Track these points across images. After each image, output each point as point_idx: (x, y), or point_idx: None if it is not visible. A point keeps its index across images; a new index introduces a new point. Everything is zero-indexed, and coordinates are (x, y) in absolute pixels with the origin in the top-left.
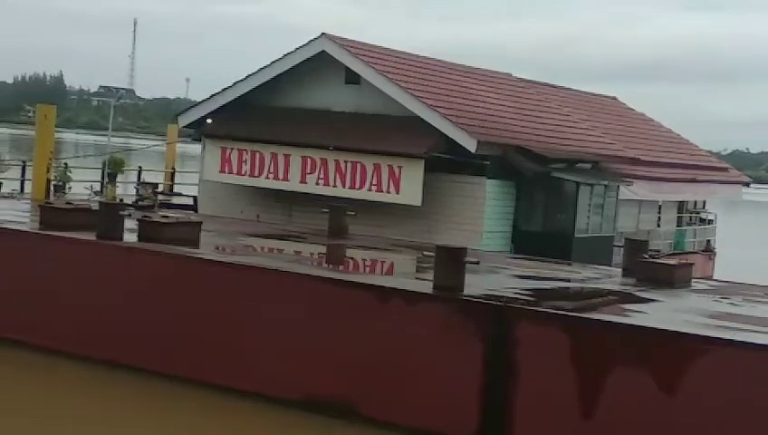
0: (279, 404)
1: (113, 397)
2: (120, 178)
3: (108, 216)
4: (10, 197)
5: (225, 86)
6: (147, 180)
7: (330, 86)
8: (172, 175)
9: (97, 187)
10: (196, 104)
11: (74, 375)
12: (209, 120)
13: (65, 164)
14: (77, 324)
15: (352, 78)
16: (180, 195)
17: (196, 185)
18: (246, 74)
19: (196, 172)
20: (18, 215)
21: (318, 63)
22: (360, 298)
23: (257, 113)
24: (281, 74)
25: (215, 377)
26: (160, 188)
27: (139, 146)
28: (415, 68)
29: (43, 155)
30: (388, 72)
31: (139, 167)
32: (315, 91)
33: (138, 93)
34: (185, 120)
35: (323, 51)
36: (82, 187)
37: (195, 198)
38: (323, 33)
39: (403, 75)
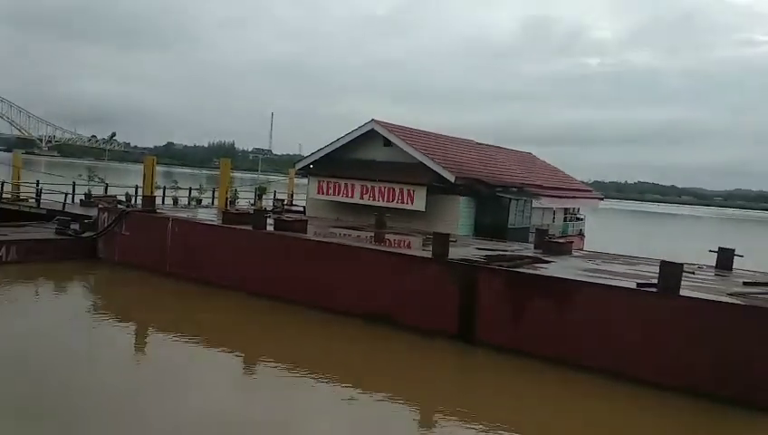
0: (352, 316)
1: (269, 312)
2: (264, 197)
3: (258, 217)
4: (208, 207)
5: (319, 148)
6: (278, 198)
7: (375, 147)
8: (291, 195)
9: (251, 202)
10: (304, 158)
11: (250, 303)
12: (311, 166)
13: (235, 190)
14: (244, 275)
15: (387, 142)
16: (296, 206)
17: (303, 200)
18: (330, 141)
19: (303, 194)
20: (212, 216)
21: (369, 135)
22: (397, 260)
23: (336, 162)
24: (349, 142)
25: (319, 302)
26: (285, 202)
27: (274, 180)
28: (421, 136)
29: (224, 185)
30: (406, 139)
31: (275, 191)
32: (367, 150)
33: (274, 151)
34: (299, 166)
35: (372, 129)
36: (244, 202)
37: (304, 207)
38: (372, 119)
39: (414, 141)
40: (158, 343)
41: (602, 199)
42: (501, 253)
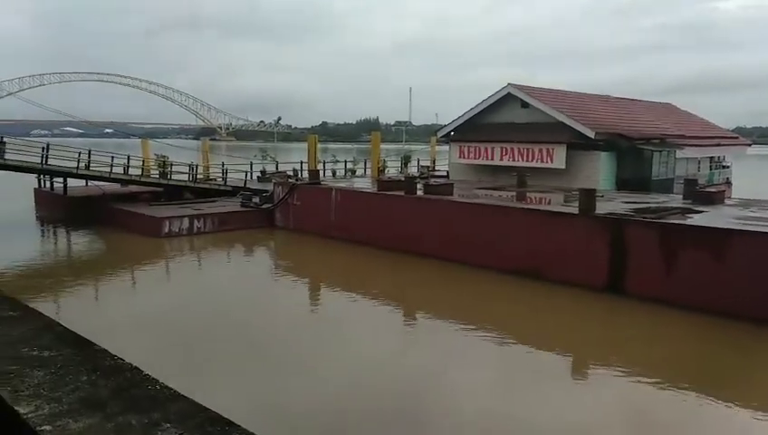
0: (503, 272)
1: (422, 268)
2: (409, 164)
3: (409, 183)
4: (362, 176)
5: (458, 115)
6: (423, 165)
7: (512, 110)
8: (433, 161)
9: (399, 170)
10: (445, 126)
11: (403, 261)
12: (452, 132)
13: (384, 160)
14: (399, 236)
15: (525, 104)
16: (438, 171)
17: (444, 166)
18: (468, 108)
19: (443, 160)
20: (367, 184)
21: (506, 99)
22: (544, 217)
23: (475, 127)
24: (487, 107)
25: (468, 259)
26: (429, 168)
27: (415, 148)
28: (557, 96)
29: (375, 156)
30: (543, 99)
31: (418, 159)
32: (505, 113)
33: (413, 122)
34: (440, 133)
35: (509, 92)
36: (392, 170)
37: (447, 172)
38: (509, 83)
39: (551, 100)
40: (327, 294)
41: (750, 145)
42: (648, 205)
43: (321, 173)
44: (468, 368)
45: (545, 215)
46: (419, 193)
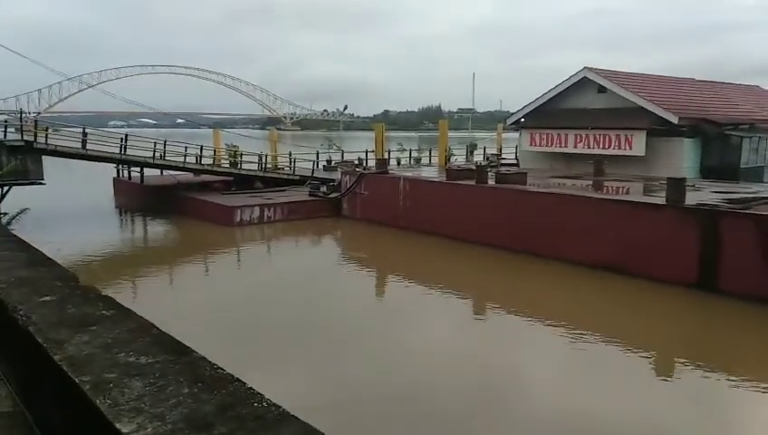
0: (582, 265)
1: (496, 260)
2: (474, 153)
3: (481, 172)
4: (427, 165)
5: (529, 101)
6: (493, 153)
7: (588, 95)
8: (500, 149)
9: (466, 158)
10: (514, 113)
11: (476, 252)
12: (523, 119)
13: (449, 148)
14: (469, 227)
15: (602, 89)
16: (506, 159)
17: (512, 154)
18: (539, 94)
19: (510, 147)
20: (435, 174)
21: (581, 83)
22: (626, 208)
23: (548, 113)
24: (560, 92)
25: (544, 251)
26: (497, 156)
27: (480, 136)
28: (637, 79)
29: (442, 144)
30: (622, 83)
31: (484, 147)
32: (580, 98)
33: (477, 109)
34: (510, 120)
35: (585, 76)
36: (457, 159)
37: (516, 160)
38: (585, 67)
39: (630, 84)
40: (395, 283)
41: None
42: (741, 195)
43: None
44: (544, 365)
45: (630, 205)
46: (491, 182)
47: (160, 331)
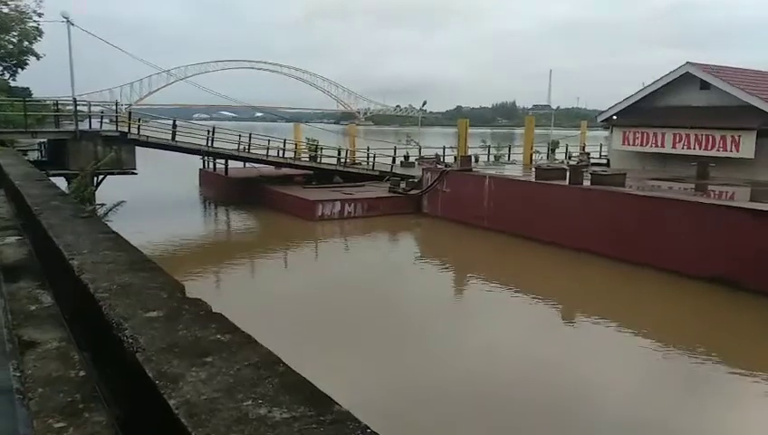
0: (686, 277)
1: (587, 266)
2: (556, 151)
3: (574, 171)
4: (512, 163)
5: (619, 100)
6: (577, 152)
7: (689, 92)
8: (583, 148)
9: (549, 157)
10: (606, 110)
11: (567, 257)
12: (615, 117)
13: (531, 147)
14: (556, 228)
15: (705, 86)
16: (593, 159)
17: (596, 152)
18: (636, 90)
19: (593, 146)
20: (520, 173)
21: (681, 80)
22: (743, 215)
23: (643, 111)
24: (657, 89)
25: (647, 259)
26: (588, 155)
27: (565, 134)
28: (746, 75)
29: (528, 142)
30: (728, 79)
31: (566, 144)
32: (680, 95)
33: (552, 106)
34: (600, 118)
35: (687, 72)
36: (542, 157)
37: (608, 159)
38: (687, 62)
39: (739, 80)
40: (477, 285)
41: None
42: None
43: None
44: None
45: (748, 214)
46: (585, 183)
47: (287, 367)
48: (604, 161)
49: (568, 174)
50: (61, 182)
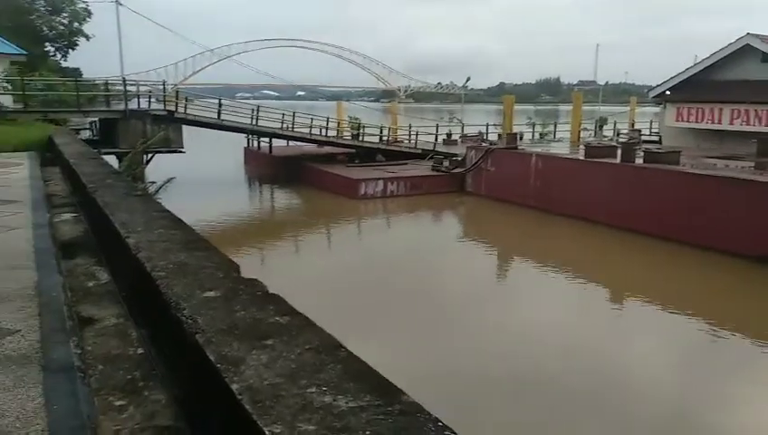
0: (749, 259)
1: (637, 247)
2: (604, 127)
3: (627, 149)
4: (558, 141)
5: (673, 75)
6: (627, 129)
7: (749, 65)
8: (632, 124)
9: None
10: (658, 85)
11: (614, 236)
12: (668, 92)
13: (579, 123)
14: (606, 207)
15: (767, 58)
16: (644, 136)
17: (646, 129)
18: (694, 63)
19: (643, 122)
20: (567, 150)
21: (740, 52)
22: None
23: (698, 85)
24: (715, 62)
25: (698, 239)
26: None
27: (606, 110)
28: None
29: (576, 119)
30: None
31: (614, 121)
32: (739, 69)
33: (598, 82)
34: (652, 93)
35: (747, 44)
36: (591, 134)
37: (659, 137)
38: (748, 33)
39: None
40: (518, 266)
41: None
42: None
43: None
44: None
45: None
46: (638, 161)
47: (349, 352)
48: (655, 139)
49: (619, 152)
50: (112, 160)
